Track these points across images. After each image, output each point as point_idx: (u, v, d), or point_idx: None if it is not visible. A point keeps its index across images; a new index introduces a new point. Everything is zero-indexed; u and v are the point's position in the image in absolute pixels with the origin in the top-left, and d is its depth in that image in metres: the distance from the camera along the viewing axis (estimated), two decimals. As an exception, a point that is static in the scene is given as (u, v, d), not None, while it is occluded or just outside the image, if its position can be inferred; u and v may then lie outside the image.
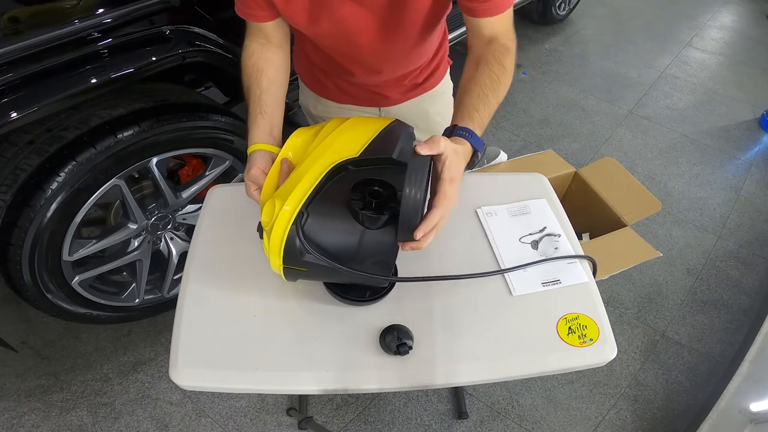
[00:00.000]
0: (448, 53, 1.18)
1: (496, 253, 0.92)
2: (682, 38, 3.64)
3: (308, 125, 1.30)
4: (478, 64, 0.84)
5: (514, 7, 0.88)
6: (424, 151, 0.69)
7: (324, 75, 1.12)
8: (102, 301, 1.52)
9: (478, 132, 0.78)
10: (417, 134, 1.22)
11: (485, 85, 0.82)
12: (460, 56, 0.95)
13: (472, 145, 0.77)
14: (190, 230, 1.64)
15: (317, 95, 1.18)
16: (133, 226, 1.44)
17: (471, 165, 0.77)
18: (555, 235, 0.94)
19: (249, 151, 0.88)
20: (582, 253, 0.92)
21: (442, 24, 1.02)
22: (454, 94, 1.27)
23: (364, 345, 0.79)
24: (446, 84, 1.22)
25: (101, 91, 1.22)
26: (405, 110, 1.17)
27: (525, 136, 2.66)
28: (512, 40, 0.87)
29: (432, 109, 1.21)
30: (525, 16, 3.45)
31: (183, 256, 1.58)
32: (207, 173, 1.52)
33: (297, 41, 1.10)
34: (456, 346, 0.80)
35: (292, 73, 1.20)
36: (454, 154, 0.72)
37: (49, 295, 1.38)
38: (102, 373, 1.65)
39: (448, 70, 1.21)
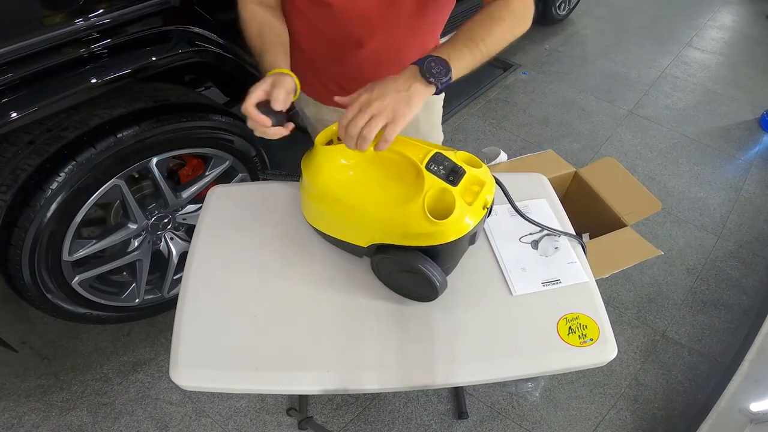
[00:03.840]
0: None
1: (496, 252, 0.92)
2: (682, 38, 3.64)
3: (306, 126, 1.31)
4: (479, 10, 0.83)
5: None
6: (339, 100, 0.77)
7: (312, 72, 1.10)
8: (102, 301, 1.52)
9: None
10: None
11: (472, 22, 0.80)
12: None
13: (415, 64, 0.75)
14: (190, 230, 1.64)
15: (306, 96, 1.18)
16: (133, 226, 1.44)
17: (425, 74, 0.74)
18: (555, 235, 0.95)
19: (270, 73, 0.83)
20: (584, 255, 0.92)
21: (442, 15, 1.01)
22: (444, 106, 1.27)
23: (365, 345, 0.79)
24: None
25: (101, 91, 1.22)
26: None
27: (525, 136, 2.66)
28: None
29: (422, 115, 1.20)
30: (525, 16, 3.45)
31: (183, 256, 1.58)
32: (207, 173, 1.52)
33: (291, 36, 1.10)
34: (456, 346, 0.80)
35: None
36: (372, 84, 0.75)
37: (49, 295, 1.38)
38: (102, 373, 1.65)
39: None
